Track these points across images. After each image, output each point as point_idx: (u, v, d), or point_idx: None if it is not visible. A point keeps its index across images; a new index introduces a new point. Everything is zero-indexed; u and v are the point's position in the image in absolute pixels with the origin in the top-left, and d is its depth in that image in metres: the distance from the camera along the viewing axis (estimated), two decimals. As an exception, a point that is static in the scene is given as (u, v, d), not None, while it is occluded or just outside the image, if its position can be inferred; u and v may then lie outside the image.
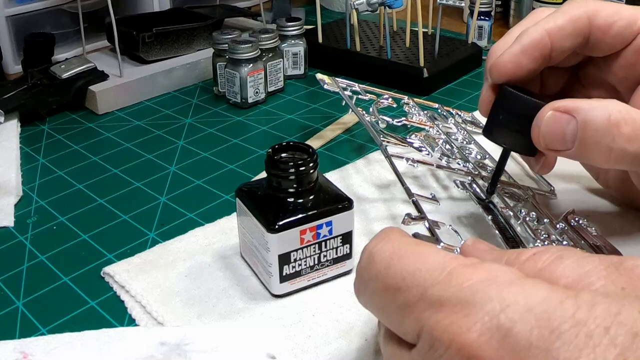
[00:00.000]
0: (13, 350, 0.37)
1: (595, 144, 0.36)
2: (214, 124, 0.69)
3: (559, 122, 0.37)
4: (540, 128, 0.38)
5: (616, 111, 0.36)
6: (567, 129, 0.37)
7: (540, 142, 0.39)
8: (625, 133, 0.36)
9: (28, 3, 0.84)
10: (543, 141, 0.38)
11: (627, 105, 0.37)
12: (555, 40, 0.40)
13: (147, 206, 0.54)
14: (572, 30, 0.40)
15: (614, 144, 0.36)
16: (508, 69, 0.41)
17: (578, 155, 0.38)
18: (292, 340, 0.38)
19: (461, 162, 0.52)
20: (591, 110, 0.36)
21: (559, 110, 0.37)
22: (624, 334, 0.22)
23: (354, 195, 0.53)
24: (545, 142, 0.38)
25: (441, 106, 0.64)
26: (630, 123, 0.36)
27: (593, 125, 0.36)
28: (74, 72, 0.72)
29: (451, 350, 0.24)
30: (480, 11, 0.85)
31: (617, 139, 0.36)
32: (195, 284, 0.43)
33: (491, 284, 0.25)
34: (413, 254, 0.28)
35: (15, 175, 0.59)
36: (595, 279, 0.25)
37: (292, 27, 0.79)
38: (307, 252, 0.41)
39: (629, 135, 0.36)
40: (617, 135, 0.36)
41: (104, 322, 0.41)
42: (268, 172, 0.41)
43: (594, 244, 0.42)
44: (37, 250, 0.49)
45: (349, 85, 0.64)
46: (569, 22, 0.40)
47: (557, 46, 0.41)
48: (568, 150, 0.38)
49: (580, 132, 0.36)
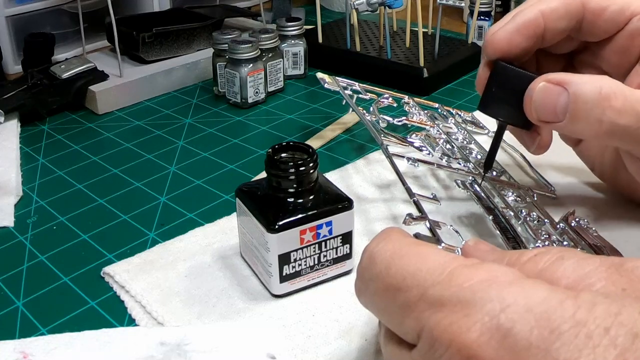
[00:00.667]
0: (13, 350, 0.37)
1: (585, 117, 0.37)
2: (214, 124, 0.69)
3: (551, 93, 0.38)
4: (532, 99, 0.39)
5: (607, 85, 0.37)
6: (558, 101, 0.38)
7: (532, 113, 0.39)
8: (615, 106, 0.36)
9: (28, 3, 0.84)
10: (535, 112, 0.39)
11: (618, 82, 0.37)
12: (549, 21, 0.41)
13: (147, 206, 0.54)
14: (565, 12, 0.41)
15: (605, 116, 0.37)
16: (502, 45, 0.41)
17: (569, 127, 0.38)
18: (292, 340, 0.38)
19: (462, 161, 0.52)
20: (582, 83, 0.37)
21: (551, 81, 0.38)
22: (624, 335, 0.22)
23: (354, 195, 0.53)
24: (537, 113, 0.39)
25: (441, 106, 0.64)
26: (621, 97, 0.37)
27: (584, 97, 0.37)
28: (74, 72, 0.72)
29: (451, 350, 0.24)
30: (480, 11, 0.85)
31: (607, 112, 0.36)
32: (195, 284, 0.43)
33: (491, 284, 0.25)
34: (414, 254, 0.28)
35: (15, 175, 0.59)
36: (595, 280, 0.25)
37: (292, 27, 0.79)
38: (307, 252, 0.41)
39: (619, 109, 0.36)
40: (608, 108, 0.36)
41: (104, 322, 0.41)
42: (268, 172, 0.41)
43: (594, 245, 0.42)
44: (37, 250, 0.49)
45: (349, 85, 0.64)
46: (563, 5, 0.41)
47: (551, 27, 0.41)
48: (559, 122, 0.38)
49: (571, 104, 0.37)
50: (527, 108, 0.39)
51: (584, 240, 0.43)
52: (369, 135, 0.64)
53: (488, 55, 0.42)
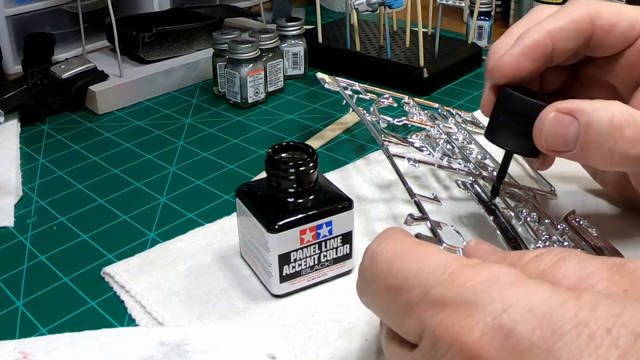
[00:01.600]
0: (13, 350, 0.37)
1: (597, 147, 0.36)
2: (214, 124, 0.69)
3: (562, 123, 0.37)
4: (542, 129, 0.38)
5: (619, 114, 0.35)
6: (569, 131, 0.37)
7: (542, 144, 0.38)
8: (627, 136, 0.35)
9: (28, 3, 0.84)
10: (545, 142, 0.38)
11: (629, 108, 0.36)
12: (557, 41, 0.40)
13: (147, 206, 0.54)
14: (574, 31, 0.40)
15: (616, 147, 0.36)
16: (509, 71, 0.40)
17: (580, 157, 0.37)
18: (292, 340, 0.38)
19: (462, 162, 0.52)
20: (594, 112, 0.36)
21: (562, 111, 0.37)
22: (625, 335, 0.22)
23: (354, 195, 0.53)
24: (547, 143, 0.38)
25: (441, 106, 0.64)
26: (633, 126, 0.35)
27: (596, 127, 0.36)
28: (74, 72, 0.72)
29: (453, 350, 0.24)
30: (480, 11, 0.85)
31: (619, 142, 0.35)
32: (195, 284, 0.43)
33: (493, 285, 0.24)
34: (415, 254, 0.28)
35: (15, 175, 0.59)
36: (597, 281, 0.25)
37: (292, 27, 0.79)
38: (307, 252, 0.41)
39: (631, 139, 0.35)
40: (620, 138, 0.35)
41: (104, 322, 0.41)
42: (268, 172, 0.41)
43: (594, 245, 0.42)
44: (37, 250, 0.49)
45: (349, 85, 0.64)
46: (571, 23, 0.40)
47: (559, 47, 0.40)
48: (570, 152, 0.37)
49: (582, 134, 0.36)
50: (537, 138, 0.38)
51: (584, 240, 0.43)
52: (369, 135, 0.64)
53: (495, 81, 0.41)
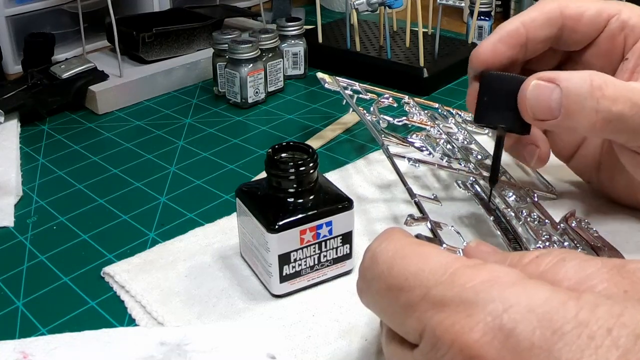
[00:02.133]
0: (13, 350, 0.37)
1: (580, 109, 0.37)
2: (214, 124, 0.69)
3: (544, 90, 0.38)
4: (526, 98, 0.39)
5: (597, 77, 0.37)
6: (552, 97, 0.38)
7: (528, 113, 0.39)
8: (608, 95, 0.37)
9: (28, 3, 0.84)
10: (531, 111, 0.39)
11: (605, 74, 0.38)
12: (530, 29, 0.43)
13: (147, 206, 0.54)
14: (545, 21, 0.43)
15: (599, 106, 0.37)
16: (486, 56, 0.43)
17: (566, 122, 0.38)
18: (292, 340, 0.38)
19: (462, 162, 0.52)
20: (572, 77, 0.38)
21: (542, 79, 0.39)
22: (626, 336, 0.22)
23: (355, 195, 0.53)
24: (533, 112, 0.39)
25: (441, 106, 0.64)
26: (612, 86, 0.37)
27: (576, 90, 0.37)
28: (74, 72, 0.72)
29: (453, 350, 0.24)
30: (480, 11, 0.85)
31: (601, 101, 0.37)
32: (195, 284, 0.43)
33: (493, 285, 0.25)
34: (416, 254, 0.28)
35: (15, 175, 0.59)
36: (597, 282, 0.25)
37: (292, 27, 0.79)
38: (307, 252, 0.41)
39: (612, 96, 0.37)
40: (601, 97, 0.37)
41: (104, 322, 0.41)
42: (268, 172, 0.41)
43: (594, 245, 0.42)
44: (37, 250, 0.49)
45: (349, 85, 0.64)
46: (542, 14, 0.43)
47: (532, 35, 0.43)
48: (555, 119, 0.38)
49: (564, 98, 0.38)
50: (522, 108, 0.40)
51: (584, 240, 0.43)
52: (369, 135, 0.64)
53: (474, 68, 0.44)
